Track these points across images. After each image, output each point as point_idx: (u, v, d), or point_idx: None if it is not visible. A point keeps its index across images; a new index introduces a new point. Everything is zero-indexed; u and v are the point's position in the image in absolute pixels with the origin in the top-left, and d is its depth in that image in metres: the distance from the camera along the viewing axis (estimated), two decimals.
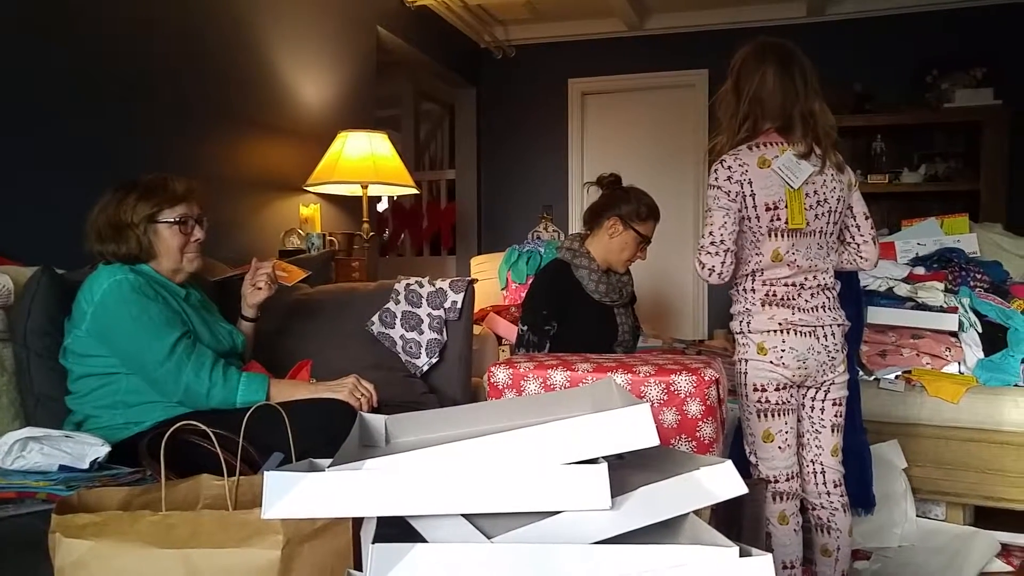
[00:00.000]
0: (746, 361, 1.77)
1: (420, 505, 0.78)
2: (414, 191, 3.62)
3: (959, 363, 2.63)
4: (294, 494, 0.79)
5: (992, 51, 4.24)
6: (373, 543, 0.76)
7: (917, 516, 2.48)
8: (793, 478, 1.80)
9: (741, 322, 1.78)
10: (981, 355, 2.61)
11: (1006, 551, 2.34)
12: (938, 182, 4.25)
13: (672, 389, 1.61)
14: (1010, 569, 2.23)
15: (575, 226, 4.88)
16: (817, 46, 2.30)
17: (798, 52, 1.77)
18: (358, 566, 0.96)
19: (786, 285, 1.74)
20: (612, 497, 0.78)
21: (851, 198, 1.80)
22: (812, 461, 1.82)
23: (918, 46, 4.37)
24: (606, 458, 0.80)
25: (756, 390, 1.76)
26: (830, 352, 1.75)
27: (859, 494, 2.21)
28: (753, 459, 1.81)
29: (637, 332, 2.58)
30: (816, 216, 1.73)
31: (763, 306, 1.74)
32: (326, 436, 1.19)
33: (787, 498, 1.79)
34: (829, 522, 1.82)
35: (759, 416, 1.77)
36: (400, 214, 5.70)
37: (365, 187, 3.24)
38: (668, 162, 4.94)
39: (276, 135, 3.16)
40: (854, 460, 2.04)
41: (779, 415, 1.76)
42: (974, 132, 4.17)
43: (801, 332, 1.72)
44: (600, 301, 2.39)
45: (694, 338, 4.08)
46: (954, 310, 2.65)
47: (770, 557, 0.75)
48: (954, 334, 2.66)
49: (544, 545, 0.76)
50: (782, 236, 1.72)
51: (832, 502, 1.82)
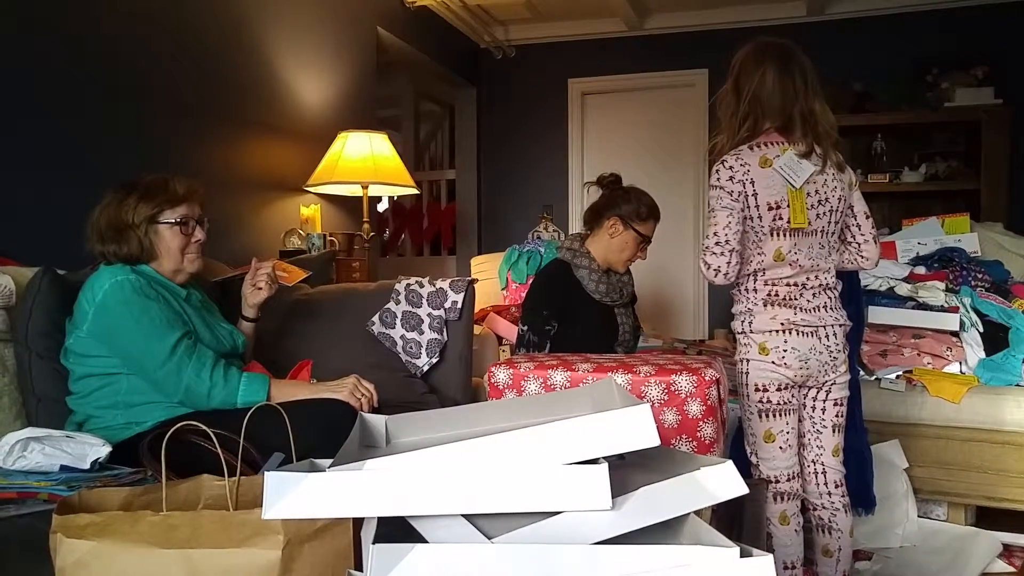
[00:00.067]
0: (748, 361, 1.77)
1: (421, 505, 0.78)
2: (414, 191, 3.62)
3: (960, 363, 2.63)
4: (295, 494, 0.79)
5: (992, 50, 4.24)
6: (373, 543, 0.76)
7: (918, 516, 2.49)
8: (794, 478, 1.79)
9: (743, 322, 1.78)
10: (982, 355, 2.61)
11: (1008, 551, 2.33)
12: (939, 181, 4.24)
13: (673, 389, 1.61)
14: (1012, 570, 2.23)
15: (575, 226, 4.88)
16: (817, 45, 2.30)
17: (798, 52, 1.77)
18: (359, 566, 0.96)
19: (788, 285, 1.74)
20: (613, 497, 0.78)
21: (852, 197, 1.80)
22: (813, 461, 1.82)
23: (918, 45, 4.37)
24: (607, 458, 0.80)
25: (758, 390, 1.75)
26: (832, 352, 1.75)
27: (860, 494, 2.21)
28: (754, 459, 1.81)
29: (638, 332, 2.58)
30: (818, 215, 1.73)
31: (765, 306, 1.74)
32: (327, 436, 1.20)
33: (788, 498, 1.78)
34: (830, 523, 1.82)
35: (760, 416, 1.76)
36: (400, 214, 5.69)
37: (365, 187, 3.24)
38: (668, 162, 4.94)
39: (276, 135, 3.16)
40: (855, 460, 2.04)
41: (781, 415, 1.76)
42: (974, 131, 4.16)
43: (803, 332, 1.72)
44: (600, 301, 2.39)
45: (695, 338, 4.08)
46: (955, 310, 2.65)
47: (771, 557, 0.75)
48: (955, 334, 2.66)
49: (545, 545, 0.76)
50: (784, 236, 1.72)
51: (833, 502, 1.82)
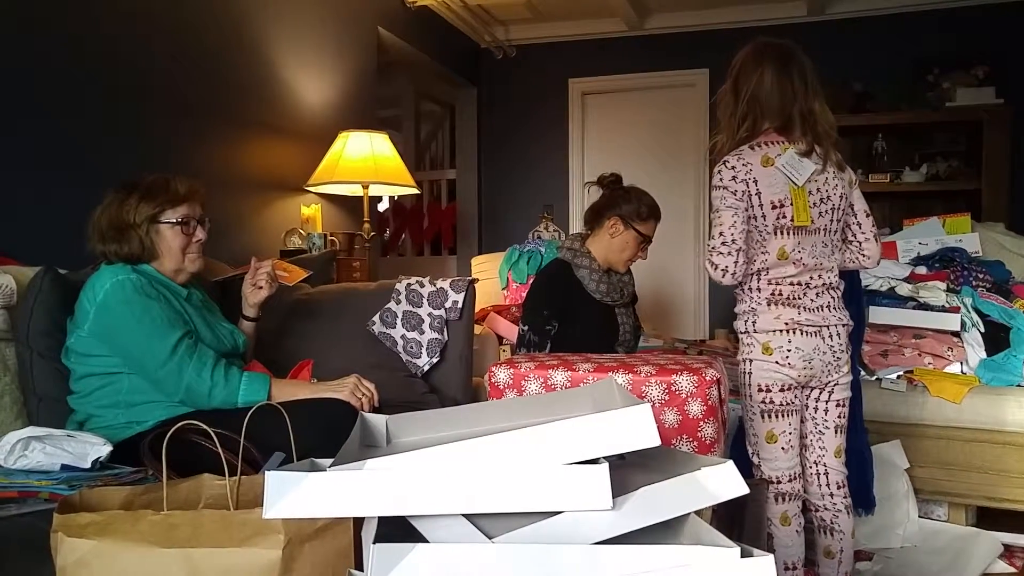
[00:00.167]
0: (750, 361, 1.76)
1: (421, 505, 0.78)
2: (415, 191, 3.62)
3: (961, 363, 2.63)
4: (295, 494, 0.79)
5: (993, 50, 4.24)
6: (374, 543, 0.76)
7: (919, 517, 2.48)
8: (796, 479, 1.79)
9: (746, 321, 1.77)
10: (983, 355, 2.60)
11: (1008, 552, 2.33)
12: (939, 181, 4.24)
13: (673, 389, 1.60)
14: (1013, 570, 2.23)
15: (576, 226, 4.88)
16: (818, 45, 2.30)
17: (798, 52, 1.77)
18: (359, 566, 0.96)
19: (792, 284, 1.73)
20: (613, 497, 0.78)
21: (852, 196, 1.80)
22: (815, 463, 1.82)
23: (919, 45, 4.37)
24: (607, 458, 0.80)
25: (761, 390, 1.75)
26: (835, 352, 1.75)
27: (860, 494, 2.21)
28: (756, 460, 1.81)
29: (638, 332, 2.58)
30: (820, 214, 1.73)
31: (769, 305, 1.73)
32: (327, 436, 1.19)
33: (789, 499, 1.78)
34: (832, 524, 1.82)
35: (763, 417, 1.76)
36: (401, 214, 5.69)
37: (366, 187, 3.24)
38: (669, 162, 4.93)
39: (277, 135, 3.16)
40: (855, 460, 2.04)
41: (783, 416, 1.75)
42: (975, 131, 4.16)
43: (807, 332, 1.72)
44: (601, 301, 2.39)
45: (695, 338, 4.07)
46: (956, 310, 2.65)
47: (771, 558, 0.75)
48: (956, 334, 2.66)
49: (545, 545, 0.76)
50: (788, 234, 1.71)
51: (835, 504, 1.81)
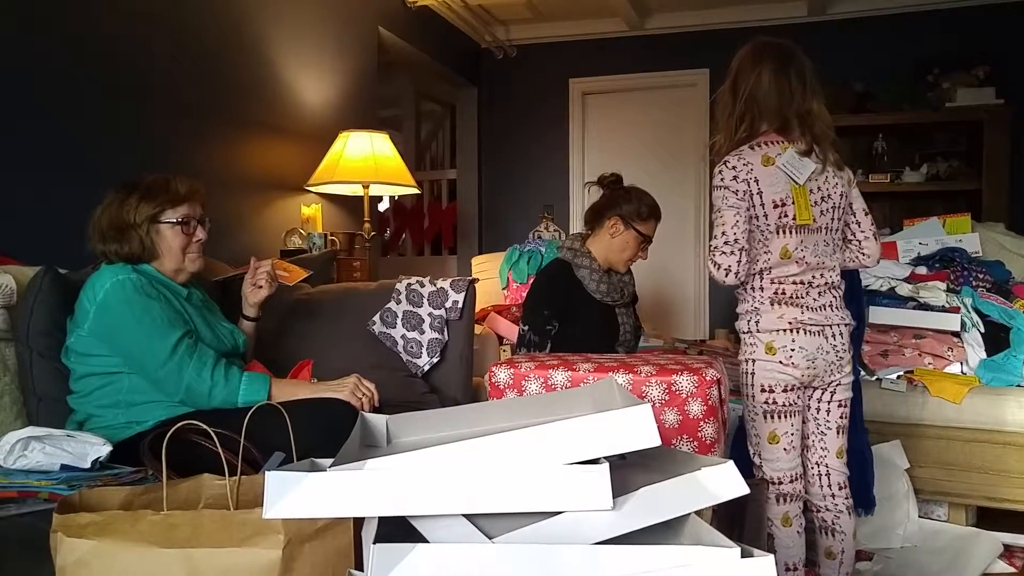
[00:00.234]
0: (753, 361, 1.75)
1: (421, 505, 0.78)
2: (415, 191, 3.62)
3: (961, 363, 2.63)
4: (295, 494, 0.79)
5: (994, 50, 4.24)
6: (374, 543, 0.76)
7: (919, 517, 2.48)
8: (797, 480, 1.78)
9: (749, 321, 1.76)
10: (984, 355, 2.60)
11: (1008, 552, 2.33)
12: (940, 182, 4.24)
13: (674, 389, 1.60)
14: (1013, 570, 2.23)
15: (576, 226, 4.88)
16: (818, 45, 2.30)
17: (797, 52, 1.76)
18: (359, 566, 0.96)
19: (795, 283, 1.73)
20: (613, 497, 0.78)
21: (851, 195, 1.80)
22: (817, 463, 1.82)
23: (919, 45, 4.37)
24: (608, 458, 0.80)
25: (764, 391, 1.74)
26: (838, 352, 1.74)
27: (860, 494, 2.21)
28: (757, 460, 1.80)
29: (639, 332, 2.58)
30: (822, 212, 1.73)
31: (772, 305, 1.73)
32: (327, 436, 1.19)
33: (791, 500, 1.78)
34: (834, 525, 1.81)
35: (765, 417, 1.75)
36: (401, 214, 5.69)
37: (366, 187, 3.24)
38: (669, 162, 4.93)
39: (277, 135, 3.16)
40: (855, 460, 2.03)
41: (786, 416, 1.74)
42: (976, 131, 4.16)
43: (811, 331, 1.71)
44: (601, 301, 2.39)
45: (695, 338, 4.08)
46: (956, 310, 2.65)
47: (772, 558, 0.75)
48: (956, 334, 2.66)
49: (545, 546, 0.75)
50: (790, 233, 1.71)
51: (837, 505, 1.81)
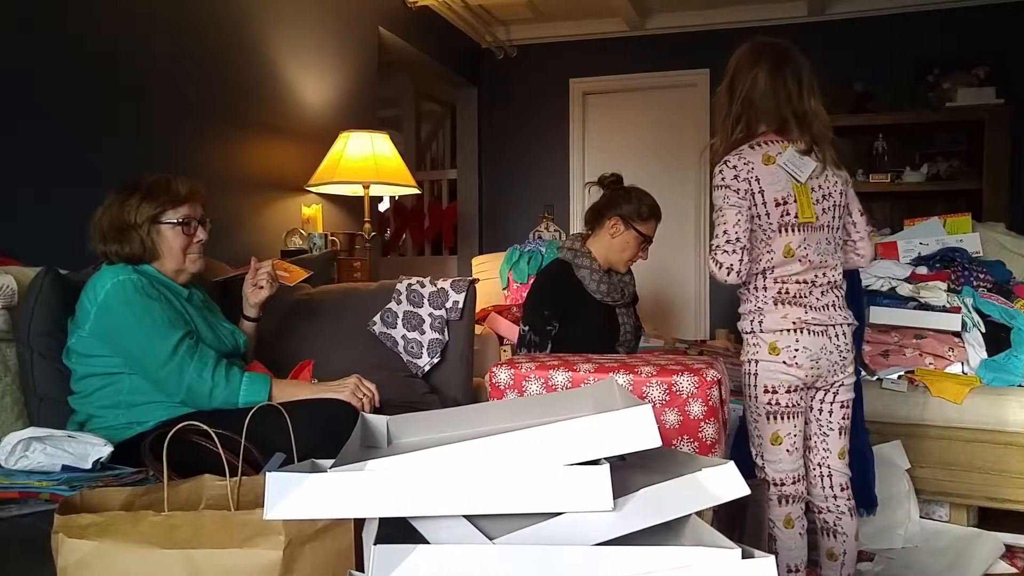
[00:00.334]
0: (756, 362, 1.74)
1: (422, 506, 0.78)
2: (415, 191, 3.62)
3: (962, 363, 2.63)
4: (296, 495, 0.79)
5: (994, 50, 4.23)
6: (375, 544, 0.76)
7: (921, 517, 2.48)
8: (799, 481, 1.78)
9: (752, 321, 1.75)
10: (984, 355, 2.60)
11: (1010, 552, 2.33)
12: (940, 181, 4.23)
13: (674, 390, 1.60)
14: (1014, 571, 2.23)
15: (576, 226, 4.88)
16: (818, 45, 2.30)
17: (794, 52, 1.76)
18: (360, 567, 0.96)
19: (798, 282, 1.72)
20: (614, 498, 0.78)
21: (848, 194, 1.80)
22: (819, 464, 1.81)
23: (919, 45, 4.37)
24: (608, 459, 0.80)
25: (767, 392, 1.73)
26: (841, 352, 1.74)
27: (861, 494, 2.21)
28: (759, 461, 1.79)
29: (639, 332, 2.58)
30: (823, 210, 1.73)
31: (776, 304, 1.72)
32: (328, 436, 1.19)
33: (793, 501, 1.77)
34: (835, 526, 1.81)
35: (768, 418, 1.74)
36: (401, 214, 5.69)
37: (367, 187, 3.24)
38: (670, 162, 4.93)
39: (278, 135, 3.16)
40: (856, 460, 2.03)
41: (789, 418, 1.73)
42: (976, 131, 4.16)
43: (814, 331, 1.71)
44: (602, 301, 2.39)
45: (696, 338, 4.07)
46: (957, 310, 2.65)
47: (772, 559, 0.75)
48: (957, 334, 2.66)
49: (546, 546, 0.75)
50: (793, 231, 1.71)
51: (839, 506, 1.80)
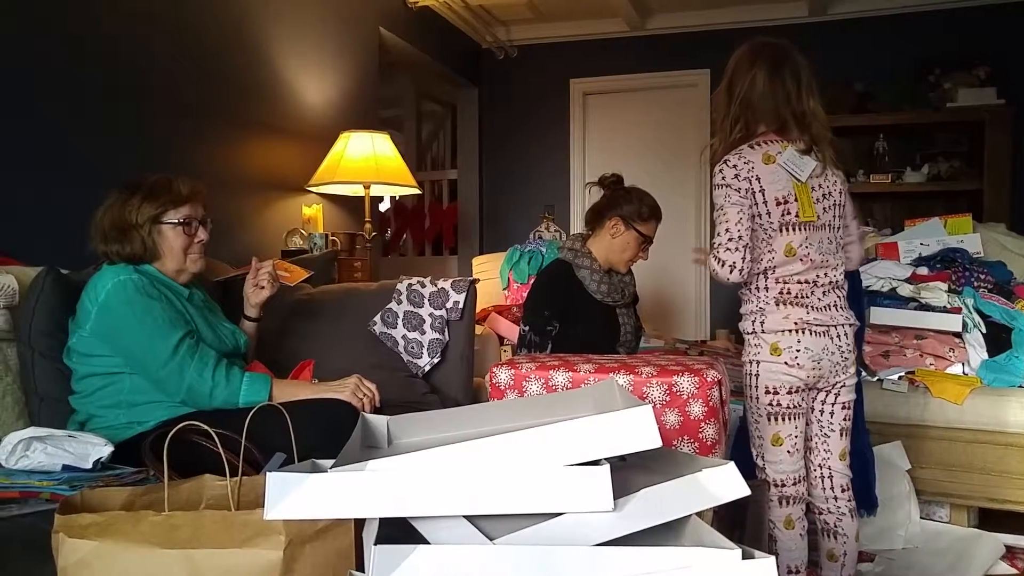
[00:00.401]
0: (757, 363, 1.74)
1: (422, 506, 0.78)
2: (416, 191, 3.62)
3: (963, 364, 2.63)
4: (297, 495, 0.79)
5: (994, 51, 4.23)
6: (375, 544, 0.76)
7: (921, 518, 2.48)
8: (800, 482, 1.78)
9: (753, 322, 1.75)
10: (985, 356, 2.60)
11: (1011, 553, 2.33)
12: (941, 182, 4.23)
13: (674, 390, 1.60)
14: (1015, 572, 2.22)
15: (577, 226, 4.88)
16: (819, 46, 2.30)
17: (792, 52, 1.76)
18: (360, 567, 0.96)
19: (800, 283, 1.72)
20: (614, 499, 0.78)
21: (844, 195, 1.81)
22: (820, 465, 1.81)
23: (920, 46, 4.37)
24: (608, 460, 0.80)
25: (768, 392, 1.73)
26: (843, 353, 1.74)
27: (862, 495, 2.20)
28: (760, 462, 1.79)
29: (639, 332, 2.58)
30: (824, 210, 1.73)
31: (777, 305, 1.72)
32: (328, 436, 1.19)
33: (793, 502, 1.77)
34: (836, 527, 1.80)
35: (769, 419, 1.74)
36: (402, 214, 5.70)
37: (367, 187, 3.24)
38: (670, 162, 4.93)
39: (278, 136, 3.16)
40: (857, 461, 2.03)
41: (790, 419, 1.73)
42: (977, 132, 4.16)
43: (816, 332, 1.70)
44: (602, 301, 2.39)
45: (696, 338, 4.07)
46: (958, 311, 2.65)
47: (773, 559, 0.75)
48: (958, 335, 2.65)
49: (546, 547, 0.75)
50: (794, 230, 1.71)
51: (839, 507, 1.80)
